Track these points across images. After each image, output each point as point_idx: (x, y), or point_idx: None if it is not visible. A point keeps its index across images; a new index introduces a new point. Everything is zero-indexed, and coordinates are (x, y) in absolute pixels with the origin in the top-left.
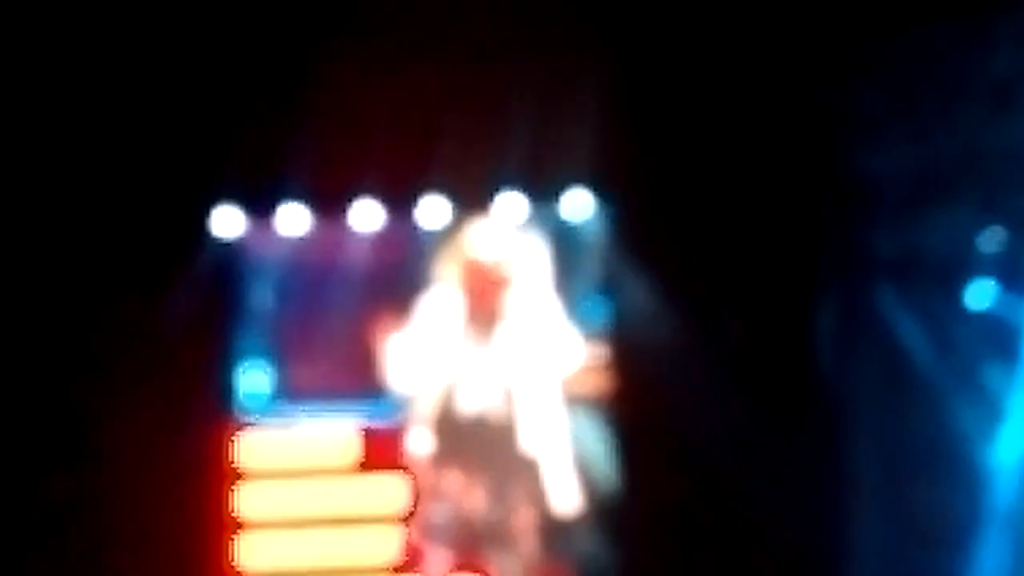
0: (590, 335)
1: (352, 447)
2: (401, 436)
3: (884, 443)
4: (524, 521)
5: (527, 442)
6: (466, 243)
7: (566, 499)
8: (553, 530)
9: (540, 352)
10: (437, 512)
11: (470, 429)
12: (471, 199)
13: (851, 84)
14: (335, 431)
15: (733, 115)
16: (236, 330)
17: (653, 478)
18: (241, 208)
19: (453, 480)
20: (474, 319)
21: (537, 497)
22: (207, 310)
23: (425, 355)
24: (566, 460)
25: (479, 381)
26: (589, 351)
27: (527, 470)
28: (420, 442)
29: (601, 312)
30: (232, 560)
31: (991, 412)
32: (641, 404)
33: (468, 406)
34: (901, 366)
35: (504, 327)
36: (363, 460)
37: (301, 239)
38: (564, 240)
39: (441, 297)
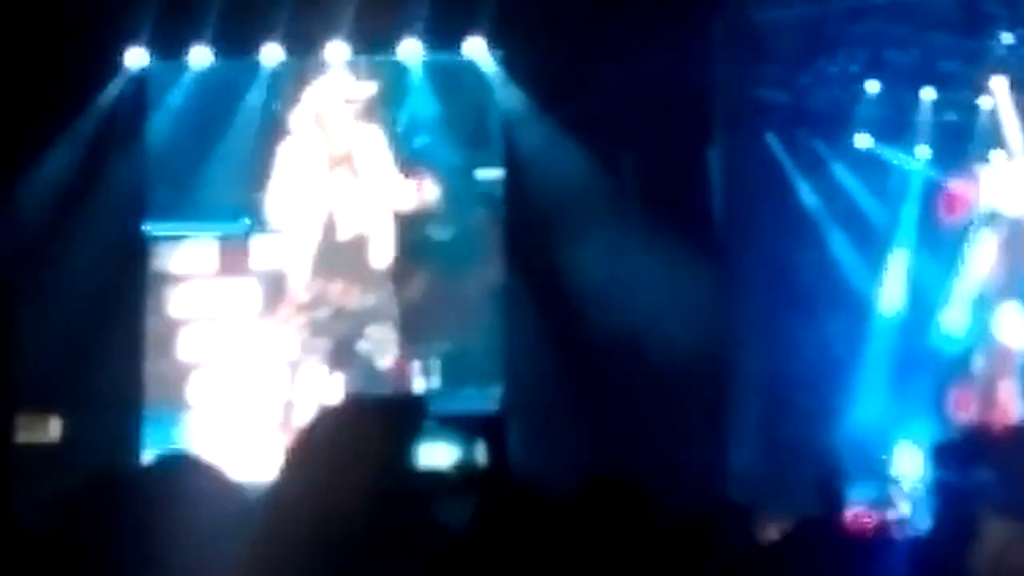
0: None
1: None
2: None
3: (774, 280)
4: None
5: (378, 254)
6: (320, 88)
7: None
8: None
9: (379, 182)
10: (320, 312)
11: (338, 247)
12: (374, 45)
13: None
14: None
15: None
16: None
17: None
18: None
19: (332, 287)
20: (331, 158)
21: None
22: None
23: (296, 191)
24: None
25: (340, 210)
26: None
27: (381, 276)
28: (302, 260)
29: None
30: None
31: (876, 251)
32: (538, 240)
33: (334, 229)
34: (791, 209)
35: (352, 164)
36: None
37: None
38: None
39: (302, 139)
